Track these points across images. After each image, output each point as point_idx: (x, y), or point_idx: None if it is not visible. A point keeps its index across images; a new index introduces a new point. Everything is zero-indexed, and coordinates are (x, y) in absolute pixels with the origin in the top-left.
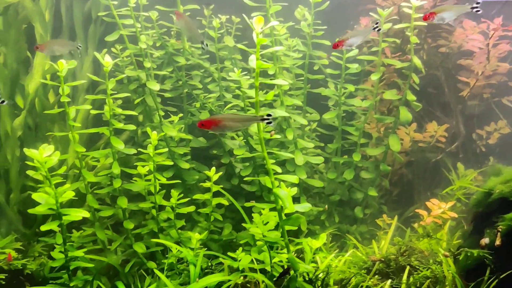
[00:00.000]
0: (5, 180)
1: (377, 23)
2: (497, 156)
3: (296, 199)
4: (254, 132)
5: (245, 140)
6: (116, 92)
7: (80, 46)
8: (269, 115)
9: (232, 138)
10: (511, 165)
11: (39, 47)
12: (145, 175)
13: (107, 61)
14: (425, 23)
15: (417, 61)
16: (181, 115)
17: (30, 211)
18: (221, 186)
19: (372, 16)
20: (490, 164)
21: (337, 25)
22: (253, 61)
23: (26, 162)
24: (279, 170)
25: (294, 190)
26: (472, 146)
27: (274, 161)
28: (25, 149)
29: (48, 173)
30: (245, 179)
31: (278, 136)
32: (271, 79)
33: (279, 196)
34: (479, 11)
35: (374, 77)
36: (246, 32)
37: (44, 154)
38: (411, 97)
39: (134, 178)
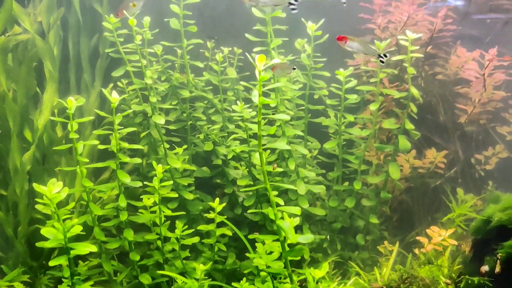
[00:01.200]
0: (14, 213)
1: (384, 56)
2: (496, 181)
3: (298, 227)
4: (257, 164)
5: (248, 169)
6: (122, 127)
7: None
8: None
9: (236, 168)
10: (510, 190)
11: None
12: (150, 207)
13: (114, 97)
14: (421, 55)
15: (414, 91)
16: (185, 146)
17: (38, 244)
18: (225, 216)
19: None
20: (489, 188)
21: (336, 55)
22: (256, 97)
23: (34, 195)
24: (281, 202)
25: (297, 221)
26: (471, 171)
27: (276, 192)
28: (34, 185)
29: (56, 209)
30: (249, 211)
31: (280, 169)
32: (273, 113)
33: (282, 227)
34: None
35: (372, 107)
36: (248, 63)
37: (53, 191)
38: (409, 126)
39: (140, 210)
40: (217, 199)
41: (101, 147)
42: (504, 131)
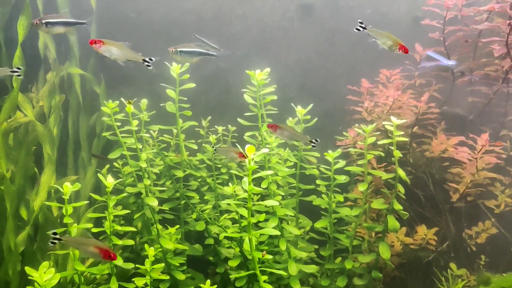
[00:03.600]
0: None
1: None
2: (488, 255)
3: None
4: (246, 250)
5: (240, 249)
6: (116, 210)
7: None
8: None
9: (229, 247)
10: (503, 264)
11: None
12: None
13: (109, 182)
14: (406, 139)
15: (401, 173)
16: (177, 226)
17: None
18: None
19: (359, 128)
20: (481, 262)
21: (325, 131)
22: (245, 184)
23: (26, 275)
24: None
25: None
26: (463, 245)
27: (266, 277)
28: (27, 268)
29: None
30: None
31: (270, 257)
32: (264, 200)
33: None
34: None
35: (361, 188)
36: (242, 138)
37: (44, 278)
38: (397, 206)
39: None
40: (208, 281)
41: (95, 230)
42: (492, 204)
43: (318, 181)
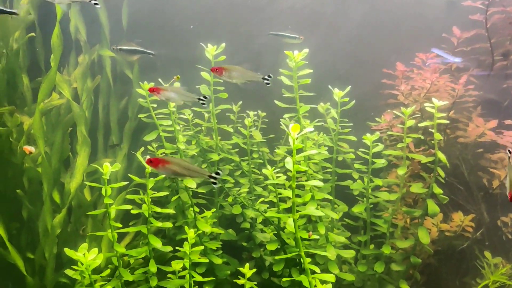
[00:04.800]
0: (39, 276)
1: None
2: None
3: None
4: (289, 231)
5: (276, 233)
6: (154, 192)
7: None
8: (217, 173)
9: (262, 231)
10: None
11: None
12: (179, 272)
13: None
14: (447, 121)
15: (441, 156)
16: (214, 209)
17: None
18: (255, 282)
19: (391, 113)
20: None
21: (357, 117)
22: (289, 164)
23: (61, 259)
24: (317, 270)
25: (329, 287)
26: (498, 233)
27: (310, 260)
28: (67, 250)
29: (91, 275)
30: (283, 280)
31: (317, 237)
32: (306, 180)
33: None
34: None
35: (400, 172)
36: (273, 125)
37: (89, 257)
38: (437, 190)
39: (168, 275)
40: (247, 264)
41: (134, 211)
42: None
43: (356, 165)
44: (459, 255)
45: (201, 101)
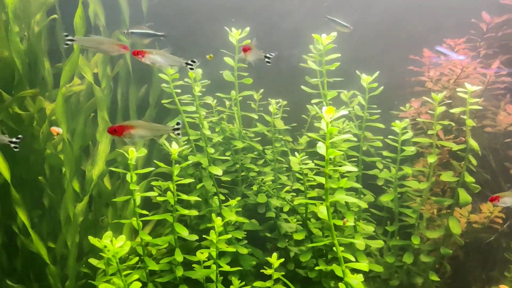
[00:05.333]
0: (61, 266)
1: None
2: None
3: None
4: (317, 220)
5: (300, 223)
6: (181, 178)
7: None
8: (178, 123)
9: (286, 220)
10: None
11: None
12: (204, 261)
13: (174, 149)
14: (480, 107)
15: (473, 143)
16: (238, 198)
17: None
18: (282, 273)
19: (422, 98)
20: None
21: (382, 105)
22: (321, 148)
23: (82, 248)
24: (352, 258)
25: (361, 277)
26: None
27: (343, 248)
28: (91, 238)
29: (119, 264)
30: (316, 268)
31: (351, 224)
32: (340, 165)
33: (352, 285)
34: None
35: (431, 160)
36: (294, 114)
37: (116, 245)
38: (469, 179)
39: (193, 265)
40: (275, 254)
41: (160, 199)
42: None
43: (385, 153)
44: (485, 248)
45: (188, 66)
